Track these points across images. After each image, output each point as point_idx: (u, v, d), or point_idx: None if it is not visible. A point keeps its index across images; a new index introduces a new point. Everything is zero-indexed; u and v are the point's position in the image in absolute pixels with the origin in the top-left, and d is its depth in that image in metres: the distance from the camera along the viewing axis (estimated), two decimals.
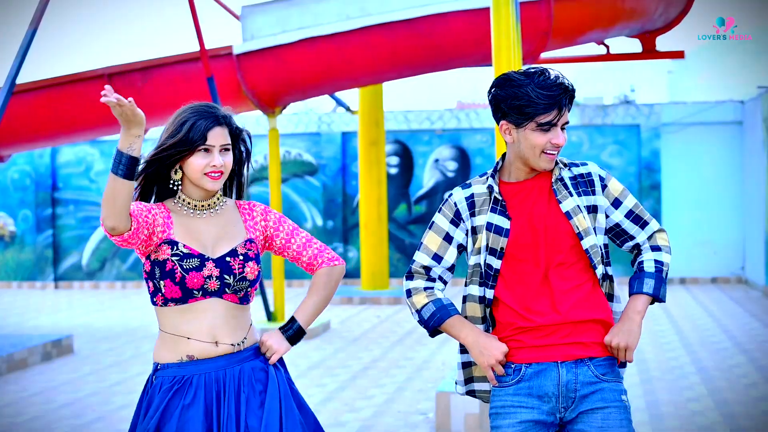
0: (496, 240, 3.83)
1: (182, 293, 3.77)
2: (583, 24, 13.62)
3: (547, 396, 3.79)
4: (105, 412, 8.95)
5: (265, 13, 13.21)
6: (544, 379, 3.79)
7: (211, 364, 3.80)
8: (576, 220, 3.81)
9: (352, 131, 19.67)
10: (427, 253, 3.96)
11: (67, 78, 13.23)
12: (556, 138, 3.77)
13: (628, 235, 3.96)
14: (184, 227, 3.85)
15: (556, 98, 3.74)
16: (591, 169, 3.92)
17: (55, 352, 11.80)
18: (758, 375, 9.96)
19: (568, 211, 3.82)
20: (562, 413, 3.81)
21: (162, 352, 3.85)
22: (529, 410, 3.80)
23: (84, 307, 17.13)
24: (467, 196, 3.92)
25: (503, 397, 3.86)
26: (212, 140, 3.82)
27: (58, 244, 20.49)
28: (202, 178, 3.82)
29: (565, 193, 3.85)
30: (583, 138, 19.15)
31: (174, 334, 3.81)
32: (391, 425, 8.27)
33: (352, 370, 10.71)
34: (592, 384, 3.79)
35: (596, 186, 3.89)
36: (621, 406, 3.81)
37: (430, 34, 12.81)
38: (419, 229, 19.60)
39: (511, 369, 3.84)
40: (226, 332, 3.83)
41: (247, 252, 3.86)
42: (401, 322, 14.43)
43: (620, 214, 3.92)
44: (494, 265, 3.84)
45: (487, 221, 3.85)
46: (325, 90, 14.37)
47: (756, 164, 17.69)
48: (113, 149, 19.83)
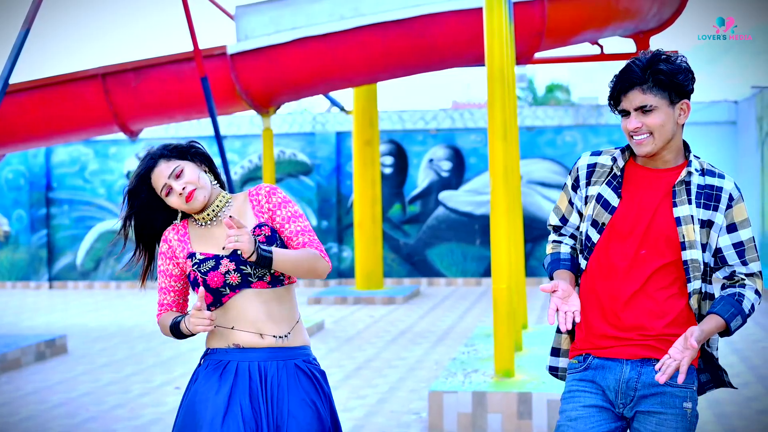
0: (600, 213, 3.80)
1: (213, 296, 3.92)
2: (576, 24, 13.62)
3: (608, 389, 3.79)
4: (99, 411, 8.95)
5: (259, 13, 13.22)
6: (607, 372, 3.78)
7: (256, 353, 3.92)
8: (684, 229, 3.71)
9: (346, 131, 19.67)
10: (557, 213, 4.03)
11: (60, 78, 13.21)
12: (629, 123, 3.71)
13: (726, 265, 3.79)
14: (200, 237, 4.03)
15: (619, 84, 3.71)
16: (725, 186, 3.75)
17: (49, 352, 11.80)
18: (750, 375, 9.97)
19: (680, 217, 3.72)
20: (621, 409, 3.79)
21: (212, 340, 4.03)
22: (593, 395, 3.79)
23: (78, 307, 17.12)
24: (590, 164, 3.89)
25: (570, 383, 3.88)
26: (158, 181, 3.99)
27: (53, 244, 20.48)
28: (188, 207, 3.99)
29: (685, 198, 3.73)
30: (577, 138, 19.18)
31: (219, 326, 3.96)
32: (384, 425, 8.28)
33: (346, 369, 10.72)
34: (654, 386, 3.74)
35: (721, 203, 3.74)
36: (680, 413, 3.74)
37: (424, 34, 12.82)
38: (413, 229, 19.61)
39: (581, 357, 3.85)
40: (270, 324, 3.94)
41: (257, 237, 3.89)
42: (395, 322, 14.44)
43: (728, 241, 3.76)
44: (593, 237, 3.82)
45: (599, 192, 3.82)
46: (318, 90, 14.38)
47: (749, 164, 17.72)
48: (107, 149, 19.86)
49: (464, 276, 19.50)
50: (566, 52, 15.26)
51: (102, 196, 20.39)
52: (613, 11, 13.75)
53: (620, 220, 3.76)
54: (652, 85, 3.66)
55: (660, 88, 3.67)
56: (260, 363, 3.91)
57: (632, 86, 3.67)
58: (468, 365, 8.79)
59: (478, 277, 19.43)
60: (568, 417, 3.81)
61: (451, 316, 14.91)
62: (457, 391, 7.82)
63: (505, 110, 8.36)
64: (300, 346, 4.02)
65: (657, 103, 3.68)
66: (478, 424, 7.76)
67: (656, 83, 3.66)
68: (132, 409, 9.02)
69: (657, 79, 3.66)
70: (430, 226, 19.62)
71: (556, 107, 20.18)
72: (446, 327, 13.80)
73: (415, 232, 19.66)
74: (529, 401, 7.68)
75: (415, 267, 19.67)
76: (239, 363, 3.91)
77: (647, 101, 3.67)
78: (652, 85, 3.66)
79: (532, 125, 19.39)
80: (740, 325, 3.76)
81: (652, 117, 3.68)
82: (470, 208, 19.43)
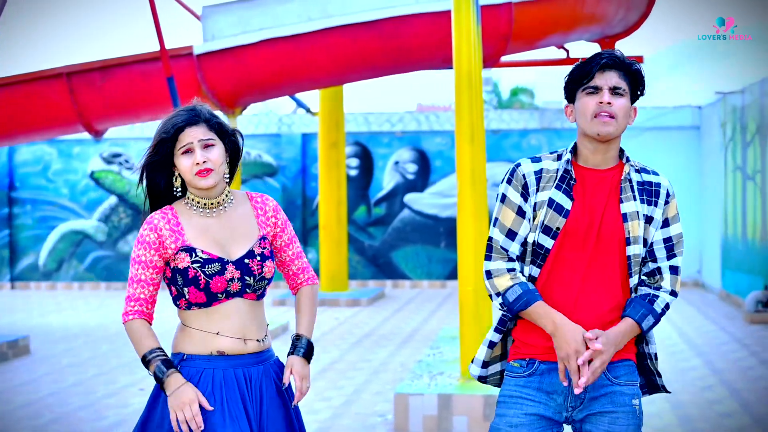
0: (554, 218, 3.75)
1: (207, 298, 3.84)
2: (543, 28, 13.68)
3: (556, 393, 3.77)
4: (62, 413, 8.89)
5: (226, 13, 13.18)
6: (555, 376, 3.77)
7: (241, 360, 3.88)
8: (630, 225, 3.75)
9: (312, 133, 19.66)
10: (502, 230, 3.83)
11: (25, 77, 13.10)
12: (602, 97, 3.73)
13: (652, 259, 3.84)
14: (196, 229, 3.88)
15: (595, 61, 3.75)
16: (662, 182, 3.85)
17: (11, 353, 11.70)
18: (714, 378, 10.03)
19: (626, 213, 3.76)
20: (569, 412, 3.79)
21: (187, 345, 3.88)
22: (536, 404, 3.77)
23: (41, 308, 17.00)
24: (536, 170, 3.82)
25: (512, 387, 3.83)
26: (187, 138, 3.85)
27: (15, 244, 20.32)
28: (193, 179, 3.85)
29: (630, 195, 3.79)
30: (542, 141, 19.25)
31: (200, 329, 3.87)
32: (349, 427, 8.27)
33: (311, 372, 10.69)
34: (603, 386, 3.77)
35: (660, 198, 3.83)
36: (630, 410, 3.77)
37: (392, 36, 12.83)
38: (379, 231, 19.62)
39: (525, 361, 3.82)
40: (253, 330, 3.92)
41: (263, 251, 3.90)
42: (360, 324, 14.43)
43: (660, 236, 3.83)
44: (546, 244, 3.76)
45: (550, 197, 3.77)
46: (285, 91, 14.36)
47: (713, 169, 17.84)
48: (71, 149, 19.72)
49: (429, 278, 19.53)
50: (533, 56, 15.33)
51: (65, 196, 20.26)
52: (579, 15, 13.81)
53: (574, 223, 3.76)
54: (627, 75, 3.78)
55: (631, 82, 3.79)
56: (244, 369, 3.87)
57: (613, 67, 3.76)
58: (434, 368, 8.80)
59: (443, 280, 19.46)
60: (509, 423, 3.80)
61: (417, 319, 14.92)
62: (422, 394, 7.83)
63: (472, 113, 8.37)
64: (269, 347, 4.03)
65: (626, 90, 3.79)
66: (444, 426, 7.77)
67: (631, 76, 3.79)
68: (96, 410, 8.97)
69: (632, 72, 3.79)
70: (396, 229, 19.63)
71: (521, 110, 20.25)
72: (411, 329, 13.80)
73: (381, 234, 19.66)
74: (494, 404, 7.69)
75: (380, 269, 19.67)
76: (225, 371, 3.84)
77: (621, 84, 3.76)
78: (625, 74, 3.78)
79: (497, 128, 19.44)
80: (653, 325, 3.79)
81: (621, 100, 3.76)
82: (435, 211, 19.46)
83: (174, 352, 3.92)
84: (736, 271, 16.03)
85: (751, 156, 15.28)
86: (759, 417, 8.39)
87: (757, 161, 14.93)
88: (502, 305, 3.83)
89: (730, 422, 8.21)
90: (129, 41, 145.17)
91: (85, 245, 20.17)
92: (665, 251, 3.84)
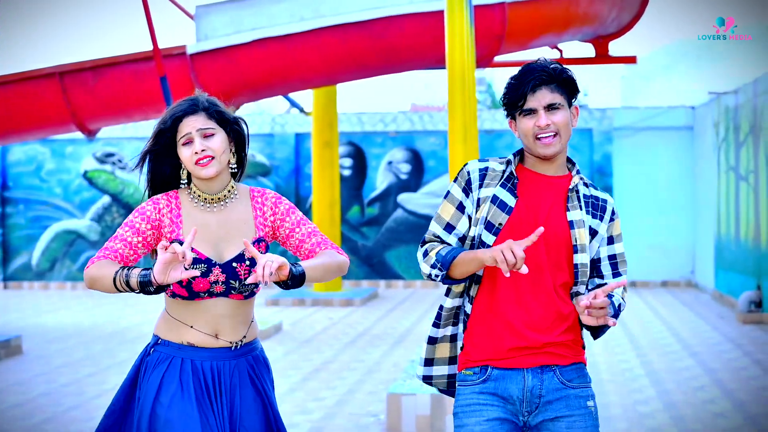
0: (496, 214, 3.73)
1: (189, 294, 3.83)
2: (536, 28, 13.70)
3: (511, 399, 3.76)
4: (55, 413, 8.88)
5: (219, 13, 13.17)
6: (509, 382, 3.75)
7: (209, 353, 3.87)
8: (577, 232, 3.75)
9: (305, 132, 19.65)
10: (440, 223, 3.83)
11: (17, 76, 13.08)
12: (538, 120, 3.71)
13: (599, 275, 3.87)
14: (193, 224, 3.85)
15: (525, 82, 3.72)
16: (608, 200, 3.89)
17: (3, 353, 11.68)
18: (708, 378, 10.04)
19: (573, 221, 3.76)
20: (525, 417, 3.77)
21: (163, 330, 3.93)
22: (495, 408, 3.75)
23: (33, 308, 16.98)
24: (482, 168, 3.82)
25: (468, 396, 3.79)
26: (186, 128, 3.85)
27: (8, 244, 20.29)
28: (194, 168, 3.84)
29: (576, 204, 3.79)
30: None
31: (177, 319, 3.89)
32: (342, 427, 8.27)
33: (303, 371, 10.69)
34: (557, 390, 3.76)
35: (606, 214, 3.85)
36: (586, 413, 3.78)
37: (384, 36, 12.83)
38: (372, 231, 19.62)
39: (477, 368, 3.79)
40: (228, 329, 3.89)
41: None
42: (353, 324, 14.43)
43: (605, 252, 3.86)
44: (487, 241, 3.73)
45: (494, 194, 3.76)
46: (278, 91, 14.35)
47: (706, 169, 17.86)
48: (64, 148, 19.69)
49: (422, 278, 19.52)
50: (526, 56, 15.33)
51: (58, 195, 20.23)
52: (572, 16, 13.83)
53: (517, 221, 3.74)
54: (557, 84, 3.75)
55: (563, 87, 3.77)
56: (214, 362, 3.86)
57: (541, 84, 3.73)
58: None
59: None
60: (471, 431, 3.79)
61: (410, 319, 14.92)
62: (415, 394, 7.82)
63: (465, 113, 8.38)
64: (252, 341, 4.00)
65: (562, 102, 3.77)
66: (437, 426, 7.77)
67: (561, 83, 3.76)
68: (89, 410, 8.95)
69: (562, 79, 3.76)
70: (389, 228, 19.63)
71: None
72: (404, 329, 13.80)
73: (374, 234, 19.66)
74: None
75: (373, 269, 19.67)
76: (193, 360, 3.85)
77: (556, 99, 3.75)
78: (557, 85, 3.75)
79: (491, 128, 19.45)
80: (615, 314, 3.74)
81: (558, 115, 3.75)
82: (429, 211, 19.46)
83: (154, 333, 3.97)
84: (729, 271, 16.04)
85: (744, 156, 15.29)
86: (752, 417, 8.39)
87: (750, 162, 14.95)
88: (434, 267, 3.75)
89: (723, 422, 8.22)
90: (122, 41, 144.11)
91: (78, 245, 20.15)
92: (610, 268, 3.87)
